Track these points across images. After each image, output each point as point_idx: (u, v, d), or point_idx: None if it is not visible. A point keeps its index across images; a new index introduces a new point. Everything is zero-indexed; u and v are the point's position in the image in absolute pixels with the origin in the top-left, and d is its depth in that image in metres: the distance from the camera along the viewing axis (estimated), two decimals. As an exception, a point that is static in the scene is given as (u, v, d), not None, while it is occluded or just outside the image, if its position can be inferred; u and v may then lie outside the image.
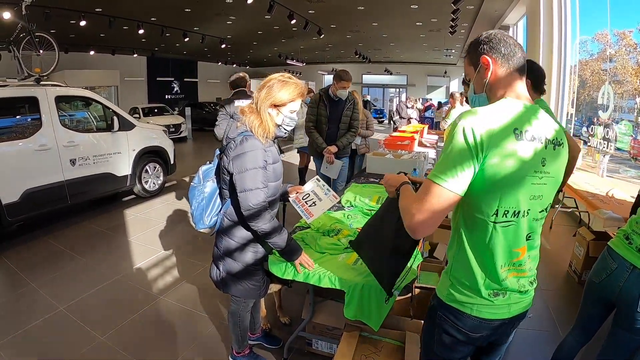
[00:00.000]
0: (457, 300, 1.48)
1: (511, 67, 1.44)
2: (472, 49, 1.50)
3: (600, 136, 6.26)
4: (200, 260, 4.54)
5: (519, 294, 1.49)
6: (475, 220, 1.40)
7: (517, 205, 1.37)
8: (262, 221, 2.22)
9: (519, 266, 1.46)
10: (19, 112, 5.34)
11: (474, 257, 1.43)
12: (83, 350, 3.03)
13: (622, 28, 6.51)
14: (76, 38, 15.70)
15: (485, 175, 1.31)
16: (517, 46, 1.44)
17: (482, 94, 1.52)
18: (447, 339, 1.54)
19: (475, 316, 1.46)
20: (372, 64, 26.21)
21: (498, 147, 1.29)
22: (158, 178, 7.50)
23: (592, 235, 4.12)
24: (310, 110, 5.05)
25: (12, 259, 4.64)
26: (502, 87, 1.45)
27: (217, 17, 13.67)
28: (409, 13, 12.77)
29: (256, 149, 2.18)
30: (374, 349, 2.49)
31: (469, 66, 1.54)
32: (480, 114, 1.33)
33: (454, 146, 1.31)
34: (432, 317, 1.58)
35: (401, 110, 12.84)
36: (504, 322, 1.51)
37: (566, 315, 3.50)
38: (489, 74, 1.46)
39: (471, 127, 1.29)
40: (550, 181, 1.43)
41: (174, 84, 26.18)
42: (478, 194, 1.35)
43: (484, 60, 1.45)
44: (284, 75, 2.27)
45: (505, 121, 1.33)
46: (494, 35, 1.46)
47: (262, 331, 3.13)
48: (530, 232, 1.45)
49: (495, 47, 1.43)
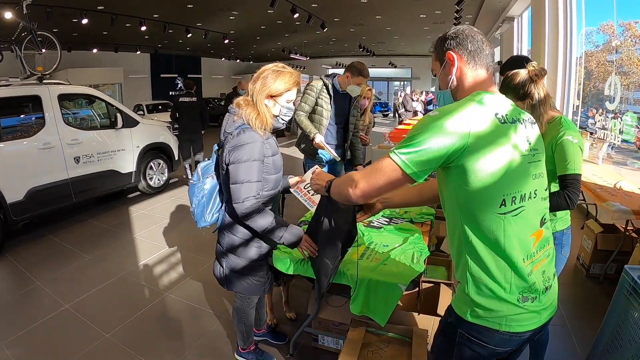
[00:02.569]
0: (482, 317, 1.35)
1: (478, 64, 1.42)
2: (439, 44, 1.48)
3: (601, 125, 6.22)
4: (205, 256, 4.54)
5: (546, 295, 1.40)
6: (482, 220, 1.32)
7: (521, 187, 1.33)
8: (256, 217, 2.16)
9: (538, 252, 1.39)
10: (23, 111, 5.33)
11: (492, 260, 1.33)
12: (88, 347, 3.03)
13: (627, 19, 6.46)
14: (79, 36, 15.75)
15: (481, 167, 1.27)
16: (485, 43, 1.43)
17: (446, 90, 1.50)
18: (469, 357, 1.43)
19: (504, 331, 1.35)
20: (376, 57, 26.11)
21: (485, 135, 1.27)
22: (162, 174, 7.49)
23: (600, 228, 4.08)
24: (307, 99, 4.02)
25: (18, 258, 4.65)
26: (469, 84, 1.43)
27: (219, 13, 13.66)
28: (412, 5, 12.70)
29: (254, 141, 2.14)
30: (380, 345, 2.47)
31: (435, 61, 1.52)
32: (455, 107, 1.31)
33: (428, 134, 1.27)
34: (450, 335, 1.46)
35: (407, 103, 12.83)
36: (535, 332, 1.40)
37: (574, 308, 3.48)
38: (454, 70, 1.44)
39: (448, 118, 1.27)
40: (542, 157, 1.44)
41: (178, 81, 26.19)
42: (479, 190, 1.29)
43: (449, 56, 1.44)
44: (278, 65, 2.25)
45: (483, 111, 1.31)
46: (462, 30, 1.43)
47: (267, 327, 3.11)
48: (543, 215, 1.42)
49: (462, 43, 1.42)
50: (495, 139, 1.28)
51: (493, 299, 1.33)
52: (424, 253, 2.58)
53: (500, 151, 1.28)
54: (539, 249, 1.39)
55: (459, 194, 1.33)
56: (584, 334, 3.08)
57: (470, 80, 1.43)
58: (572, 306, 3.55)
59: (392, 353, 2.40)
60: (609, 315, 2.51)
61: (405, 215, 3.26)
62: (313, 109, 4.02)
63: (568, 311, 3.45)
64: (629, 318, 2.31)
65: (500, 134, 1.29)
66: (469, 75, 1.43)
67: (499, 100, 1.38)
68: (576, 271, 4.23)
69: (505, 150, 1.29)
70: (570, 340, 3.05)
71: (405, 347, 2.43)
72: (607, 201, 3.74)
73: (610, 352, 2.44)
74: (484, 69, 1.43)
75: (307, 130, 3.90)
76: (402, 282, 2.21)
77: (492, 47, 1.45)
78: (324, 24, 14.24)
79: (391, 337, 2.52)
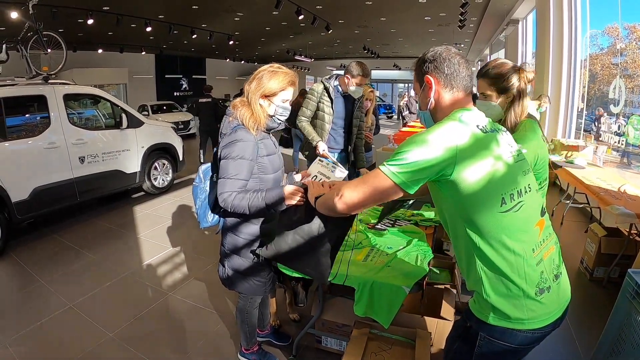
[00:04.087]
0: (504, 319, 1.38)
1: (454, 87, 1.47)
2: (418, 67, 1.54)
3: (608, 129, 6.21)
4: (208, 257, 4.54)
5: (558, 283, 1.45)
6: (486, 223, 1.35)
7: (517, 184, 1.40)
8: (235, 203, 2.13)
9: (544, 241, 1.45)
10: (28, 111, 5.36)
11: (503, 259, 1.35)
12: (92, 346, 3.04)
13: (632, 21, 6.45)
14: (84, 36, 15.80)
15: (474, 175, 1.32)
16: (462, 65, 1.47)
17: (426, 111, 1.56)
18: (490, 358, 1.46)
19: (527, 329, 1.38)
20: (380, 59, 26.08)
21: (472, 144, 1.33)
22: (167, 175, 7.52)
23: (603, 232, 4.06)
24: (308, 104, 3.98)
25: (22, 256, 4.67)
26: (446, 105, 1.49)
27: (224, 14, 13.67)
28: (417, 7, 12.69)
29: (246, 140, 2.17)
30: (384, 346, 2.47)
31: (416, 82, 1.57)
32: (441, 127, 1.38)
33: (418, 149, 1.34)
34: (470, 339, 1.47)
35: (410, 105, 12.80)
36: (555, 324, 1.44)
37: (578, 312, 3.47)
38: (431, 93, 1.49)
39: (439, 136, 1.34)
40: (526, 155, 1.56)
41: (183, 81, 26.28)
42: (478, 196, 1.34)
43: (427, 80, 1.49)
44: (273, 66, 2.26)
45: (465, 125, 1.38)
46: (439, 54, 1.48)
47: (271, 328, 3.12)
48: (542, 205, 1.50)
49: (439, 67, 1.47)
50: (482, 147, 1.36)
51: (512, 298, 1.37)
52: (428, 255, 2.59)
53: (489, 156, 1.35)
54: (545, 237, 1.45)
55: (459, 204, 1.38)
56: (587, 337, 3.07)
57: (448, 102, 1.49)
58: (575, 310, 3.54)
59: (395, 355, 2.41)
60: (612, 319, 2.51)
61: (411, 218, 3.27)
62: (315, 114, 4.01)
63: (571, 315, 3.41)
64: (632, 322, 2.30)
65: (485, 142, 1.37)
66: (446, 97, 1.49)
67: (477, 115, 1.46)
68: (580, 275, 4.22)
69: (493, 154, 1.36)
70: (573, 344, 3.04)
71: (408, 349, 2.43)
72: (611, 205, 3.74)
73: (613, 356, 2.44)
74: (462, 91, 1.48)
75: (310, 137, 3.92)
76: (406, 284, 2.22)
77: (470, 69, 1.51)
78: (328, 25, 14.23)
79: (394, 339, 2.52)
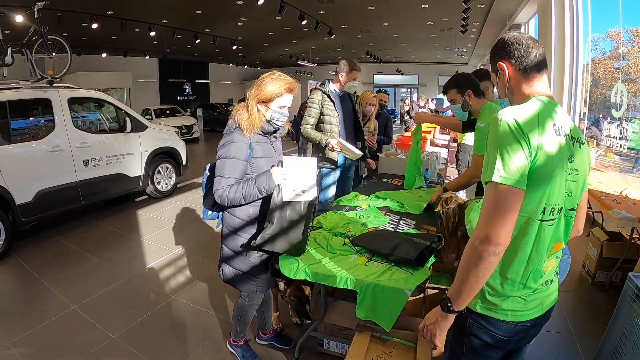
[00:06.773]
0: (490, 309, 1.46)
1: (527, 69, 1.46)
2: (492, 56, 1.56)
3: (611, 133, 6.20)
4: (212, 260, 4.55)
5: (547, 289, 1.50)
6: (523, 221, 1.36)
7: (559, 201, 1.39)
8: (230, 197, 2.29)
9: (551, 257, 1.48)
10: (33, 114, 5.41)
11: (516, 259, 1.40)
12: (95, 348, 3.05)
13: (634, 25, 6.44)
14: (88, 40, 15.89)
15: (534, 172, 1.31)
16: (532, 45, 1.45)
17: (505, 98, 1.57)
18: (478, 346, 1.52)
19: (510, 321, 1.45)
20: (383, 64, 26.11)
21: (544, 142, 1.32)
22: (170, 179, 7.54)
23: (605, 236, 4.06)
24: (310, 112, 3.98)
25: (26, 259, 4.70)
26: (523, 88, 1.48)
27: (228, 19, 13.75)
28: (419, 13, 12.74)
29: (240, 141, 2.31)
30: (385, 350, 2.48)
31: (492, 73, 1.60)
32: (518, 108, 1.37)
33: (505, 141, 1.30)
34: (461, 323, 1.52)
35: (412, 110, 12.82)
36: (536, 322, 1.51)
37: (579, 316, 3.47)
38: (505, 79, 1.50)
39: (514, 118, 1.32)
40: (579, 179, 1.45)
41: (186, 86, 26.40)
42: (531, 192, 1.33)
43: (500, 66, 1.50)
44: (274, 73, 2.37)
45: (543, 117, 1.36)
46: (507, 39, 1.49)
47: (273, 331, 3.13)
48: (566, 229, 1.48)
49: (509, 51, 1.47)
50: (552, 148, 1.34)
51: (502, 295, 1.44)
52: (430, 259, 2.59)
53: (553, 161, 1.33)
54: (553, 255, 1.48)
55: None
56: (588, 341, 3.06)
57: (524, 86, 1.48)
58: (577, 314, 3.54)
59: (397, 358, 2.41)
60: (613, 322, 2.51)
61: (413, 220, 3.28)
62: (321, 120, 3.99)
63: (573, 318, 3.44)
64: (633, 325, 2.31)
65: (555, 145, 1.35)
66: (521, 81, 1.48)
67: (554, 110, 1.42)
68: (581, 279, 4.21)
69: (556, 161, 1.34)
70: (574, 348, 3.04)
71: (409, 353, 2.43)
72: (613, 209, 3.74)
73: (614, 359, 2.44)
74: (534, 70, 1.46)
75: (317, 140, 3.88)
76: (407, 287, 2.22)
77: (541, 48, 1.48)
78: (331, 30, 14.29)
79: (396, 342, 2.52)
